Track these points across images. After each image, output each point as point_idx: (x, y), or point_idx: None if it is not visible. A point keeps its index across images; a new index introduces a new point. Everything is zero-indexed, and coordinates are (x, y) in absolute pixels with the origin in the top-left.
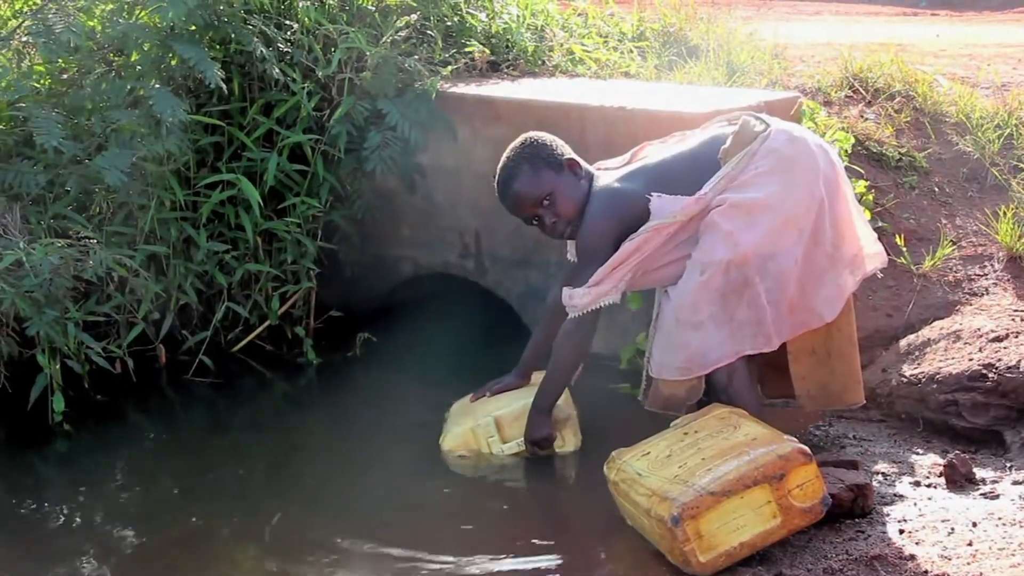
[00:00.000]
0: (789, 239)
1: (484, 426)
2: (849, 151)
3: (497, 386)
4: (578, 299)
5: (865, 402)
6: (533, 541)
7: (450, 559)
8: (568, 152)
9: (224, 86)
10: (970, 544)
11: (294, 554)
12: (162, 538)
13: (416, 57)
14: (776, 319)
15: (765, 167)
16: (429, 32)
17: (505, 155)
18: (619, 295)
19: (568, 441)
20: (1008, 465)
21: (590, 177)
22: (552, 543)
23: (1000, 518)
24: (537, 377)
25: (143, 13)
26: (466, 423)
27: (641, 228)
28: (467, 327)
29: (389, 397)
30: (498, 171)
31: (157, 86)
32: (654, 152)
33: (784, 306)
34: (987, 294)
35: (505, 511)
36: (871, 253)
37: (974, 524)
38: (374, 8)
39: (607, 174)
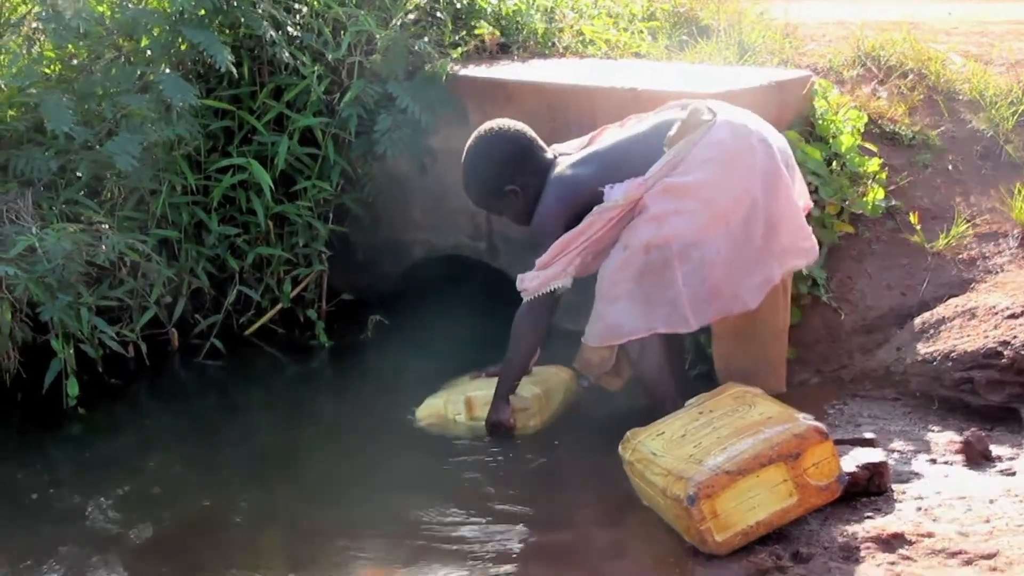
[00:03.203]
0: (714, 231)
1: (455, 402)
2: (862, 130)
3: (495, 369)
4: (528, 283)
5: (784, 390)
6: (548, 521)
7: (465, 540)
8: (514, 168)
9: (234, 70)
10: (987, 521)
11: (308, 538)
12: (175, 522)
13: (426, 39)
14: (694, 303)
15: (704, 156)
16: (439, 14)
17: (462, 164)
18: (569, 279)
19: (529, 428)
20: None
21: (549, 166)
22: (567, 523)
23: (1017, 495)
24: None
25: None
26: (443, 396)
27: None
28: (479, 309)
29: (401, 380)
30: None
31: (167, 71)
32: (610, 135)
33: (705, 291)
34: (1002, 271)
35: (519, 492)
36: (803, 248)
37: (991, 501)
38: None
39: (564, 160)
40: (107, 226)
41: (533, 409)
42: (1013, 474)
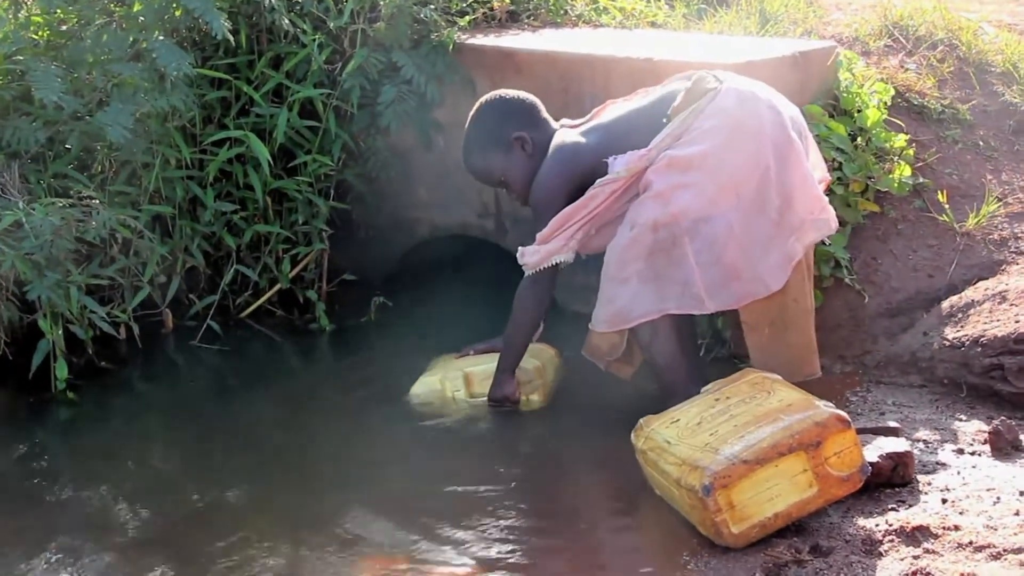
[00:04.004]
0: (725, 203)
1: (453, 379)
2: (888, 103)
3: (482, 346)
4: (529, 257)
5: (820, 374)
6: (557, 511)
7: (471, 531)
8: (518, 121)
9: (231, 38)
10: (1017, 513)
11: (307, 528)
12: (169, 511)
13: (432, 7)
14: (708, 283)
15: (709, 125)
16: None
17: (465, 129)
18: (571, 254)
19: (533, 401)
20: None
21: (551, 134)
22: (578, 513)
23: None
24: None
25: None
26: (437, 374)
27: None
28: (485, 290)
29: (405, 364)
30: (462, 143)
31: (161, 38)
32: (615, 109)
33: (721, 271)
34: None
35: (526, 481)
36: (820, 220)
37: (1021, 493)
38: None
39: (565, 131)
40: (97, 201)
41: (537, 382)
42: None
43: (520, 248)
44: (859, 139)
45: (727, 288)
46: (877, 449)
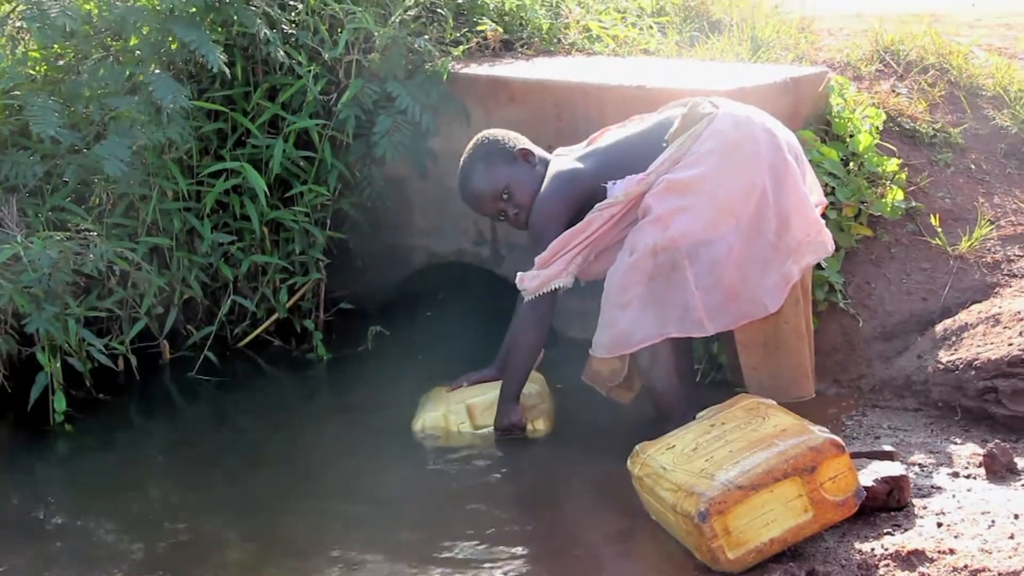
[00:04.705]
0: (724, 227)
1: (456, 411)
2: (880, 128)
3: (474, 377)
4: (528, 282)
5: (814, 395)
6: (553, 538)
7: (467, 558)
8: (521, 143)
9: (227, 70)
10: (1012, 537)
11: (305, 559)
12: (167, 543)
13: (426, 37)
14: (709, 306)
15: (706, 149)
16: (439, 10)
17: (461, 159)
18: (571, 279)
19: (539, 428)
20: None
21: (547, 163)
22: (573, 540)
23: None
24: None
25: None
26: (439, 408)
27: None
28: (482, 318)
29: (402, 394)
30: (457, 175)
31: (157, 71)
32: (611, 135)
33: (720, 294)
34: None
35: (523, 507)
36: (817, 241)
37: (1016, 516)
38: None
39: (562, 158)
40: (95, 234)
41: (542, 406)
42: None
43: (519, 274)
44: (851, 164)
45: (725, 309)
46: (872, 473)
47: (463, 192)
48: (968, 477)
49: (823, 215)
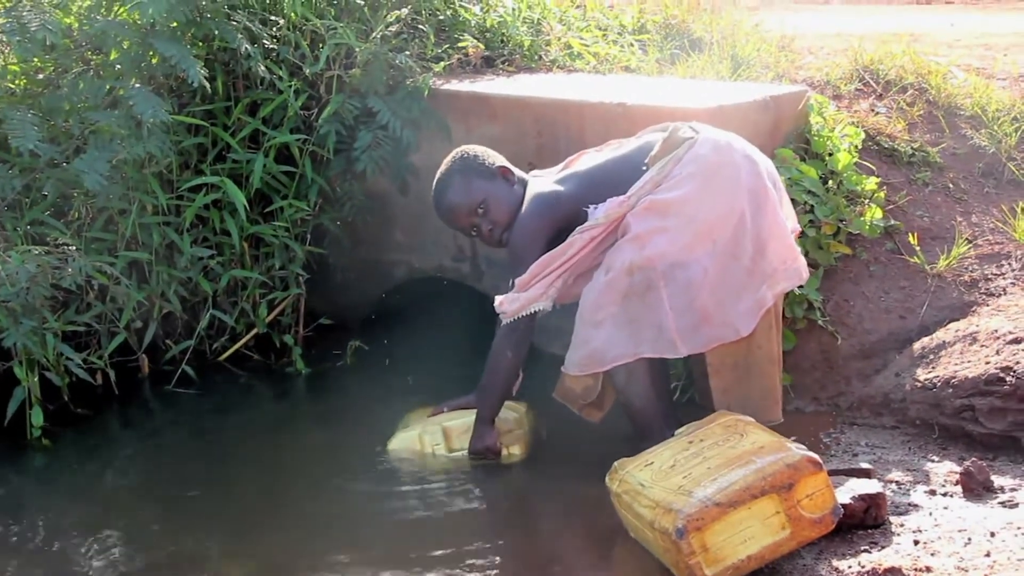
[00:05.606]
0: (701, 249)
1: (432, 433)
2: (859, 146)
3: (454, 403)
4: (508, 305)
5: (782, 420)
6: (532, 556)
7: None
8: (500, 160)
9: (207, 85)
10: (988, 555)
11: (285, 574)
12: (146, 559)
13: (407, 53)
14: (682, 327)
15: (687, 172)
16: (421, 27)
17: (438, 172)
18: (550, 302)
19: (514, 453)
20: None
21: (524, 183)
22: (551, 558)
23: (1019, 527)
24: None
25: (122, 9)
26: (416, 428)
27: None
28: (462, 334)
29: (382, 409)
30: (433, 187)
31: (137, 85)
32: (589, 159)
33: (693, 316)
34: (1004, 294)
35: (504, 525)
36: (792, 269)
37: (992, 534)
38: (363, 2)
39: (542, 179)
40: (74, 248)
41: (518, 431)
42: (1015, 506)
43: (498, 296)
44: (830, 182)
45: (698, 332)
46: (849, 491)
47: (438, 204)
48: (945, 495)
49: (799, 236)
